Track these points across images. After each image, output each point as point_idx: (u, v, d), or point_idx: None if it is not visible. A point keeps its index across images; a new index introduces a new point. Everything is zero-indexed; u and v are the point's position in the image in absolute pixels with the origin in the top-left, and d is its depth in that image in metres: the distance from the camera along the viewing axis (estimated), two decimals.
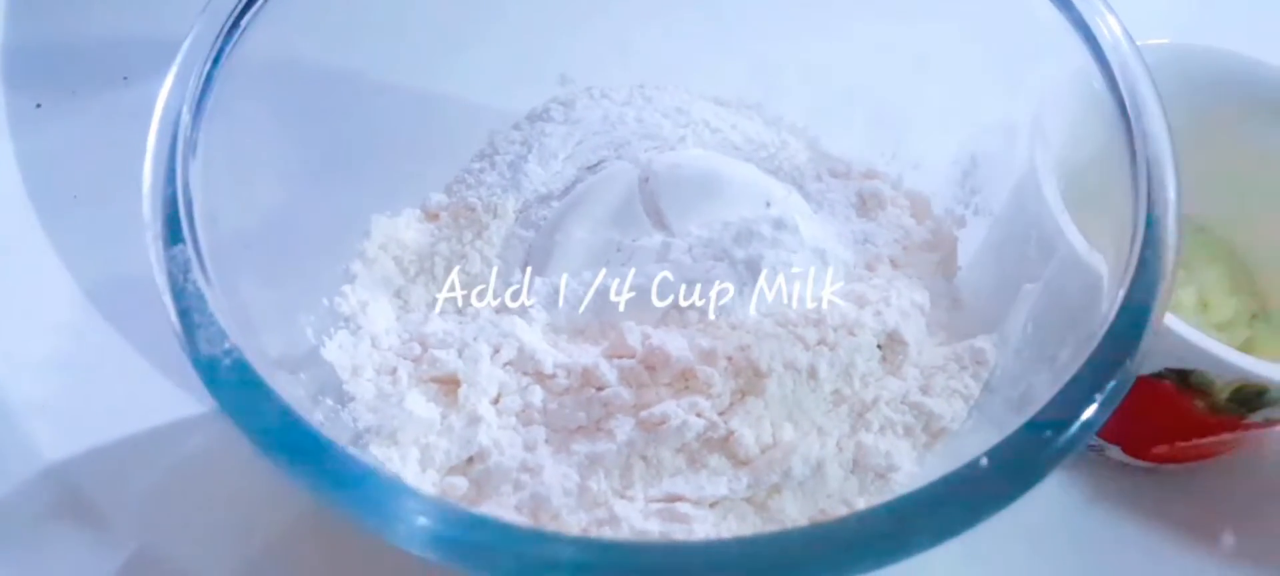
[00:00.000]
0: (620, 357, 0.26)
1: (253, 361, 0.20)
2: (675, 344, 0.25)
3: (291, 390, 0.21)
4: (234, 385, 0.19)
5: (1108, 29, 0.24)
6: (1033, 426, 0.18)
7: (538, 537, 0.19)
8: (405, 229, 0.29)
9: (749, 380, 0.25)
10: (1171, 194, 0.21)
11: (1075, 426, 0.18)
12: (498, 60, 0.31)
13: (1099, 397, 0.19)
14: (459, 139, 0.32)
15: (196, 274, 0.20)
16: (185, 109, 0.22)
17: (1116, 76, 0.23)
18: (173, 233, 0.21)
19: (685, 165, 0.30)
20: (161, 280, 0.20)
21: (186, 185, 0.21)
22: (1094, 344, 0.19)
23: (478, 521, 0.19)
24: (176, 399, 0.30)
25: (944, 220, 0.30)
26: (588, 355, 0.26)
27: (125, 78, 0.36)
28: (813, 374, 0.25)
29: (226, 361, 0.19)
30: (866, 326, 0.25)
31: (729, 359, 0.25)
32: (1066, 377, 0.19)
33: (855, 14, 0.30)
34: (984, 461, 0.18)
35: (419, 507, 0.18)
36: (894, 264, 0.28)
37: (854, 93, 0.31)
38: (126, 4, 0.38)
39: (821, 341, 0.25)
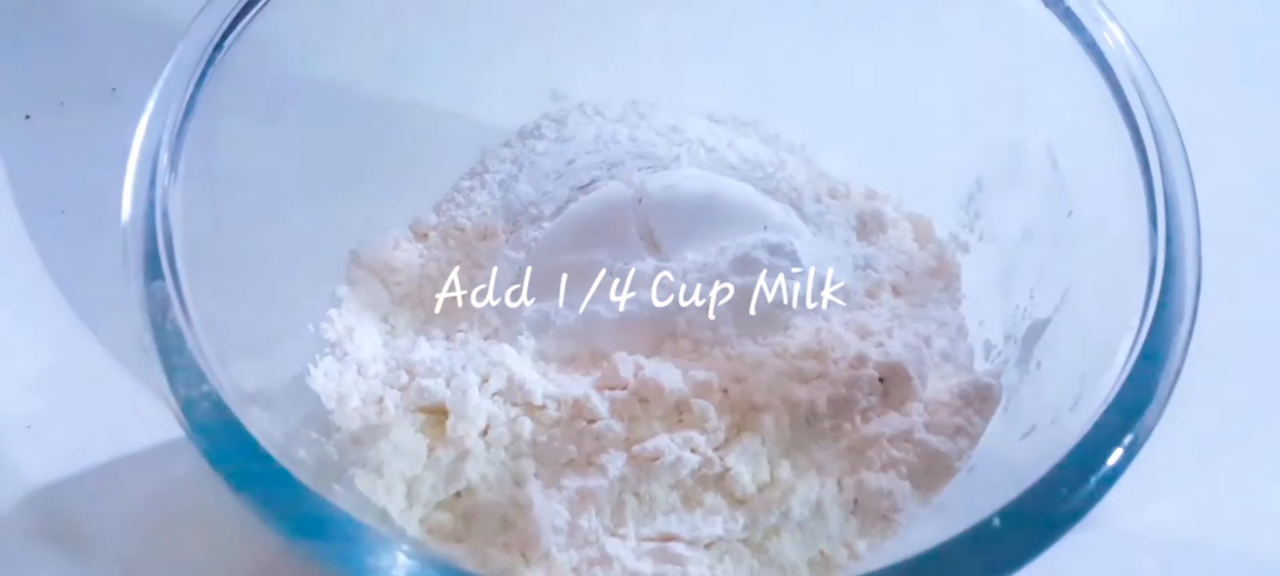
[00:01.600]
0: (612, 389, 0.25)
1: (231, 403, 0.19)
2: (668, 375, 0.25)
3: (272, 428, 0.21)
4: (212, 428, 0.19)
5: (1119, 51, 0.23)
6: (1048, 483, 0.17)
7: None
8: (393, 250, 0.29)
9: (745, 415, 0.24)
10: (1190, 230, 0.20)
11: (1092, 482, 0.17)
12: (489, 75, 0.31)
13: (1118, 451, 0.18)
14: (449, 157, 0.31)
15: (176, 311, 0.20)
16: (165, 136, 0.22)
17: (1131, 105, 0.23)
18: (152, 268, 0.20)
19: (680, 186, 0.29)
20: (141, 318, 0.20)
21: (166, 217, 0.21)
22: (1111, 392, 0.19)
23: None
24: (164, 420, 0.29)
25: (948, 245, 0.29)
26: (578, 386, 0.25)
27: (114, 89, 0.36)
28: (812, 409, 0.24)
29: (205, 404, 0.19)
30: (868, 359, 0.25)
31: (724, 392, 0.25)
32: (1081, 426, 0.18)
33: (855, 29, 0.29)
34: (996, 521, 0.17)
35: (396, 563, 0.17)
36: (896, 291, 0.28)
37: (854, 110, 0.30)
38: (115, 16, 0.37)
39: (821, 375, 0.24)
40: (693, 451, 0.24)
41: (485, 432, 0.25)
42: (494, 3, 0.30)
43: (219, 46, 0.24)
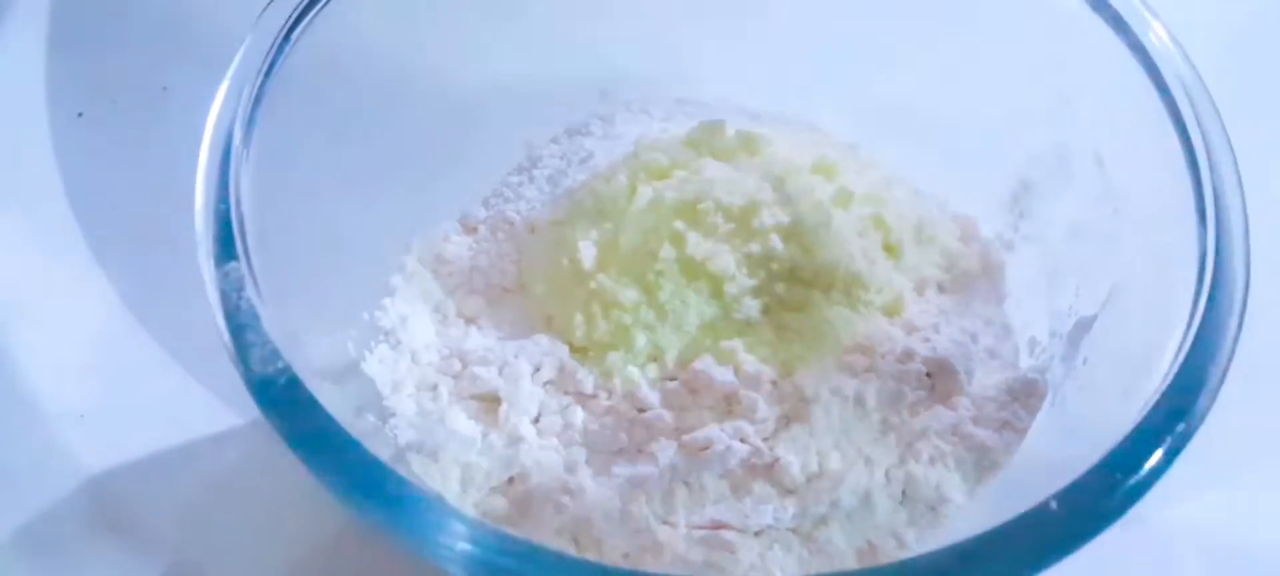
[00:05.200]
0: (662, 379, 0.25)
1: (304, 380, 0.19)
2: (718, 366, 0.25)
3: (339, 407, 0.21)
4: (287, 405, 0.19)
5: (1164, 50, 0.24)
6: (1102, 470, 0.18)
7: (580, 567, 0.19)
8: (444, 242, 0.29)
9: (794, 406, 0.25)
10: (1239, 227, 0.21)
11: (1144, 470, 0.18)
12: (537, 74, 0.31)
13: (1169, 439, 0.18)
14: (498, 153, 0.31)
15: (250, 291, 0.20)
16: (237, 124, 0.22)
17: (1178, 103, 0.23)
18: (226, 249, 0.21)
19: None
20: (214, 297, 0.20)
21: (239, 201, 0.21)
22: (1162, 385, 0.19)
23: (520, 548, 0.18)
24: (215, 410, 0.30)
25: (992, 243, 0.29)
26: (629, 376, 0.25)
27: (165, 88, 0.36)
28: (860, 401, 0.24)
29: (280, 381, 0.19)
30: (915, 354, 0.25)
31: (773, 383, 0.25)
32: (1131, 418, 0.19)
33: (901, 30, 0.29)
34: (1053, 504, 0.17)
35: (469, 537, 0.18)
36: (942, 288, 0.28)
37: (898, 109, 0.30)
38: (167, 16, 0.38)
39: (869, 369, 0.25)
40: (742, 441, 0.24)
41: (537, 420, 0.25)
42: (546, 4, 0.31)
43: (285, 39, 0.24)
